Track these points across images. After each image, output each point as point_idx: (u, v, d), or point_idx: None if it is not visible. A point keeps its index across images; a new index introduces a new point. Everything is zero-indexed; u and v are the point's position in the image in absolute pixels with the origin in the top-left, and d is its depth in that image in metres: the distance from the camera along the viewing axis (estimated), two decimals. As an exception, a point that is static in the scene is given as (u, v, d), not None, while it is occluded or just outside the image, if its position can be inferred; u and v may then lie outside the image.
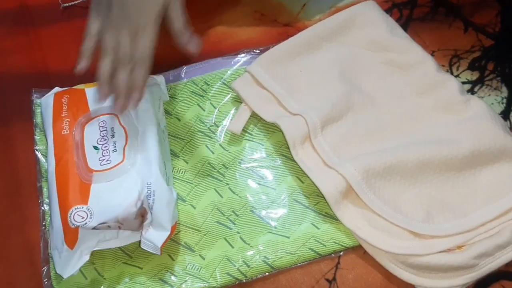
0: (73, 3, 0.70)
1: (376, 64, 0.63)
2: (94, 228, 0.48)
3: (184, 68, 0.65)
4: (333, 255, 0.54)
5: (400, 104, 0.60)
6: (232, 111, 0.62)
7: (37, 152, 0.59)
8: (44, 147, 0.58)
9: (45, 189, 0.57)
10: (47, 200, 0.56)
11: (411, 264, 0.51)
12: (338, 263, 0.54)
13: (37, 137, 0.60)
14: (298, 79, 0.62)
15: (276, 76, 0.62)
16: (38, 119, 0.61)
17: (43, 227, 0.55)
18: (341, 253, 0.54)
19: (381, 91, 0.61)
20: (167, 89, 0.63)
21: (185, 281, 0.52)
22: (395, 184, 0.54)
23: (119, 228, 0.49)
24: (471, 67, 0.66)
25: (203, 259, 0.53)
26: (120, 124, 0.53)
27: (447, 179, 0.55)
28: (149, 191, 0.49)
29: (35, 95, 0.62)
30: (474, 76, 0.65)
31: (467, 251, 0.50)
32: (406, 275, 0.51)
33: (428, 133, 0.57)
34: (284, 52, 0.63)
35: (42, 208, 0.56)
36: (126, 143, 0.52)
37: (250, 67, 0.62)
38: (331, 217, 0.55)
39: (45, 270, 0.53)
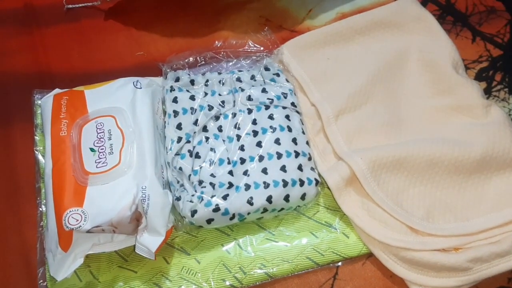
0: (77, 5, 0.70)
1: (404, 61, 0.63)
2: (88, 231, 0.47)
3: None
4: (331, 265, 0.53)
5: (420, 101, 0.60)
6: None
7: (36, 153, 0.59)
8: (44, 147, 0.58)
9: (43, 190, 0.56)
10: (45, 201, 0.55)
11: (403, 258, 0.50)
12: (336, 273, 0.53)
13: (37, 138, 0.60)
14: (323, 66, 0.63)
15: (302, 61, 0.63)
16: (38, 120, 0.61)
17: (40, 228, 0.55)
18: (339, 264, 0.53)
19: (403, 87, 0.61)
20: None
21: (180, 286, 0.51)
22: (401, 179, 0.54)
23: (114, 231, 0.49)
24: (478, 77, 0.65)
25: (199, 263, 0.53)
26: (118, 126, 0.53)
27: (455, 182, 0.54)
28: (143, 195, 0.49)
29: (36, 96, 0.62)
30: (481, 86, 0.64)
31: (463, 253, 0.50)
32: (397, 268, 0.51)
33: (443, 132, 0.57)
34: (314, 40, 0.64)
35: (40, 209, 0.56)
36: (122, 146, 0.51)
37: (277, 51, 0.63)
38: (330, 227, 0.54)
39: (41, 271, 0.53)
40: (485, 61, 0.66)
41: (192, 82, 0.60)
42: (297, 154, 0.54)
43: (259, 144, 0.55)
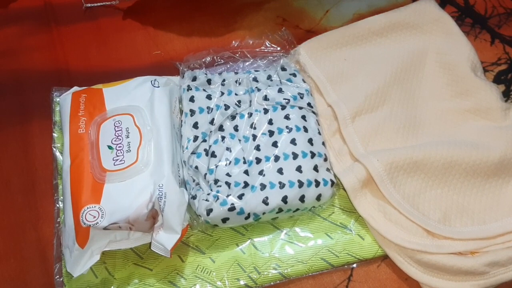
0: (96, 4, 0.71)
1: (422, 63, 0.63)
2: (105, 228, 0.48)
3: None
4: (345, 266, 0.53)
5: (439, 103, 0.60)
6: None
7: (54, 150, 0.59)
8: (62, 144, 0.59)
9: (60, 187, 0.57)
10: (62, 197, 0.56)
11: (419, 261, 0.50)
12: (351, 275, 0.53)
13: (55, 135, 0.60)
14: (340, 67, 0.63)
15: (319, 61, 0.63)
16: (57, 117, 0.61)
17: (57, 224, 0.55)
18: (354, 265, 0.53)
19: (421, 89, 0.61)
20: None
21: (194, 284, 0.52)
22: (417, 181, 0.53)
23: (130, 229, 0.49)
24: (497, 80, 0.65)
25: (213, 262, 0.53)
26: (135, 124, 0.53)
27: (472, 185, 0.54)
28: (160, 193, 0.49)
29: (55, 93, 0.63)
30: (500, 89, 0.63)
31: (479, 257, 0.49)
32: (412, 271, 0.51)
33: (461, 135, 0.57)
34: (331, 40, 0.64)
35: (57, 205, 0.56)
36: (140, 144, 0.52)
37: (293, 51, 0.63)
38: (345, 228, 0.54)
39: (58, 267, 0.53)
40: (504, 63, 0.66)
41: (209, 81, 0.60)
42: (313, 155, 0.54)
43: (275, 144, 0.55)
